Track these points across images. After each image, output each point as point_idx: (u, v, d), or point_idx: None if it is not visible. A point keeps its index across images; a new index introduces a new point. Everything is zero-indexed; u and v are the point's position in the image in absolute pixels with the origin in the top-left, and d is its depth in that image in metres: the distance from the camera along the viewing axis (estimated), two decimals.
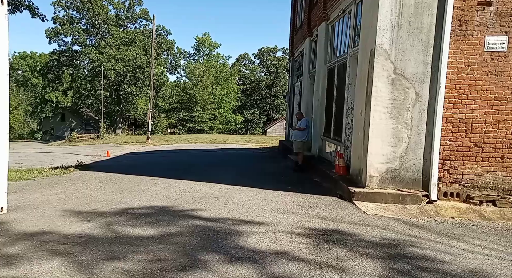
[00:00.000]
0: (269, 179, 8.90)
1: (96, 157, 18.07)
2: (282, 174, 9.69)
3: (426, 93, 6.34)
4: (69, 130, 65.34)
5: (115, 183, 7.90)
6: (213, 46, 68.27)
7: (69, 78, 57.86)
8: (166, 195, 6.68)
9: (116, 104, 50.93)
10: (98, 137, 38.21)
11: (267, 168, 11.04)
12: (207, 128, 58.27)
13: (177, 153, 17.72)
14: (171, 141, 29.24)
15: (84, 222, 4.84)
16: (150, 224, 4.77)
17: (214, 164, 12.26)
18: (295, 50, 16.29)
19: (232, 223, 4.93)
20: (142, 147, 25.21)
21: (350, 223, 5.01)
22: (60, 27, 46.15)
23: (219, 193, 6.92)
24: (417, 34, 6.30)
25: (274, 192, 7.08)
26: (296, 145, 10.25)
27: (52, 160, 16.42)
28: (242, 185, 7.77)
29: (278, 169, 10.93)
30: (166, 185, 7.73)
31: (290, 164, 11.69)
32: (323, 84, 10.34)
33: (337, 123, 9.06)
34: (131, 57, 45.89)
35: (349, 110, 8.17)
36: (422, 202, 6.24)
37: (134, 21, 53.06)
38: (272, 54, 77.78)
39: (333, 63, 9.63)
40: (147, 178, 8.59)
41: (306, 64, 12.80)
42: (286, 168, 10.90)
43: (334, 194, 6.96)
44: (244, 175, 9.57)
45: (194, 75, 58.95)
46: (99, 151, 21.03)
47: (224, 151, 18.72)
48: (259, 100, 78.38)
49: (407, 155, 6.39)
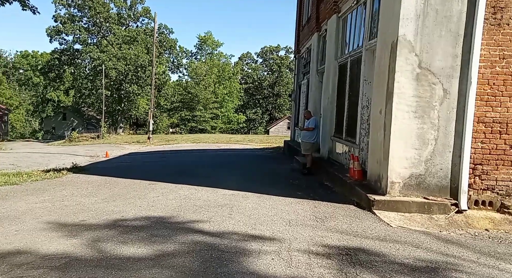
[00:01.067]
0: (276, 183, 8.24)
1: (94, 157, 17.46)
2: (290, 177, 9.02)
3: (455, 89, 5.65)
4: (70, 129, 64.88)
5: (110, 188, 7.25)
6: (215, 45, 67.66)
7: (71, 78, 57.44)
8: (164, 203, 6.03)
9: (117, 103, 50.37)
10: (99, 137, 37.66)
11: (273, 171, 10.38)
12: (209, 128, 57.67)
13: (178, 154, 17.08)
14: (172, 140, 28.62)
15: (68, 237, 4.19)
16: (144, 241, 4.12)
17: (217, 165, 11.62)
18: (301, 47, 15.61)
19: (239, 238, 4.27)
20: (142, 147, 24.60)
21: (375, 239, 4.34)
22: (61, 25, 45.58)
23: (223, 200, 6.26)
24: (445, 23, 5.61)
25: (284, 199, 6.42)
26: (305, 146, 9.58)
27: (48, 161, 15.81)
28: (248, 191, 7.11)
29: (285, 171, 10.27)
30: (164, 190, 7.09)
31: (297, 166, 11.03)
32: (334, 81, 9.66)
33: (350, 123, 8.38)
34: (133, 56, 45.29)
35: (364, 109, 7.50)
36: (450, 211, 5.56)
37: (136, 20, 52.49)
38: (275, 53, 77.09)
39: (345, 59, 8.95)
40: (144, 182, 7.94)
41: (314, 61, 12.13)
42: (294, 171, 10.24)
43: (349, 201, 6.29)
44: (249, 178, 8.92)
45: (196, 74, 58.36)
46: (98, 151, 20.42)
47: (227, 152, 18.06)
48: (261, 100, 77.73)
49: (434, 159, 5.71)
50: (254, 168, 11.01)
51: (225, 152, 18.03)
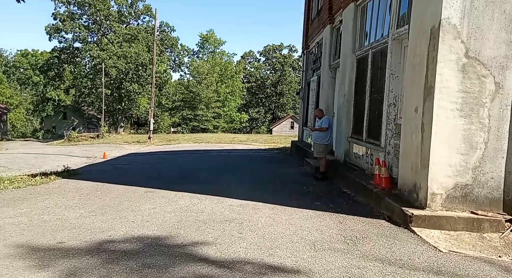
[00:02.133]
0: (289, 190, 7.33)
1: (91, 159, 16.58)
2: (303, 183, 8.10)
3: (510, 83, 4.73)
4: (71, 129, 64.09)
5: (100, 197, 6.36)
6: (217, 43, 66.71)
7: (71, 76, 56.63)
8: (162, 217, 5.12)
9: (118, 102, 49.51)
10: (99, 137, 36.82)
11: (283, 175, 9.46)
12: (211, 127, 56.74)
13: (179, 155, 16.18)
14: (173, 140, 27.73)
15: (36, 269, 3.29)
16: (133, 274, 3.21)
17: (221, 168, 10.71)
18: (310, 42, 14.68)
19: (254, 270, 3.36)
20: (143, 147, 23.72)
21: (427, 271, 3.42)
22: (60, 23, 44.73)
23: (230, 213, 5.36)
24: (498, 3, 4.68)
25: (301, 211, 5.51)
26: (318, 149, 8.66)
27: (42, 162, 14.96)
28: (258, 200, 6.20)
29: (296, 175, 9.35)
30: (163, 200, 6.18)
31: (309, 170, 10.11)
32: (351, 76, 8.73)
33: (372, 123, 7.46)
34: (133, 54, 44.40)
35: (391, 107, 6.57)
36: (505, 229, 4.63)
37: (137, 18, 51.60)
38: (278, 51, 76.08)
39: (364, 51, 8.03)
40: (140, 190, 7.04)
41: (326, 56, 11.20)
42: (306, 175, 9.32)
43: (378, 215, 5.37)
44: (259, 184, 8.00)
45: (198, 73, 57.43)
46: (96, 152, 19.55)
47: (231, 152, 17.15)
48: (264, 99, 76.75)
49: (483, 166, 4.78)
50: (261, 172, 10.09)
51: (229, 152, 17.12)
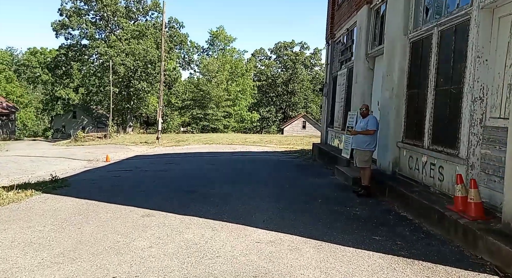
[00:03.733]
0: (330, 211, 5.59)
1: (93, 162, 15.06)
2: (343, 201, 6.36)
3: None
4: (80, 128, 63.34)
5: (80, 226, 4.70)
6: (228, 40, 65.07)
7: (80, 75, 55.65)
8: (159, 267, 3.43)
9: (126, 101, 48.22)
10: (106, 137, 35.46)
11: (313, 188, 7.71)
12: (221, 127, 55.11)
13: (187, 159, 14.55)
14: (182, 141, 26.15)
15: None
16: None
17: (236, 177, 9.02)
18: (336, 30, 12.86)
19: None
20: (150, 148, 22.17)
21: None
22: (67, 19, 43.53)
23: (259, 260, 3.64)
24: None
25: (362, 256, 3.76)
26: (361, 157, 6.88)
27: (37, 167, 13.46)
28: (294, 232, 4.50)
29: (330, 189, 7.59)
30: (163, 230, 4.50)
31: (343, 181, 8.35)
32: (402, 65, 6.93)
33: (441, 125, 5.65)
34: (142, 51, 42.94)
35: (476, 102, 4.76)
36: None
37: (145, 14, 50.10)
38: (289, 49, 74.14)
39: (424, 31, 6.22)
40: (136, 212, 5.38)
41: (361, 43, 9.39)
42: (342, 188, 7.55)
43: (478, 263, 3.60)
44: (287, 201, 6.27)
45: (208, 70, 55.81)
46: (99, 154, 18.01)
47: (245, 156, 15.45)
48: (275, 98, 74.96)
49: None
50: (285, 182, 8.34)
51: (242, 156, 15.41)
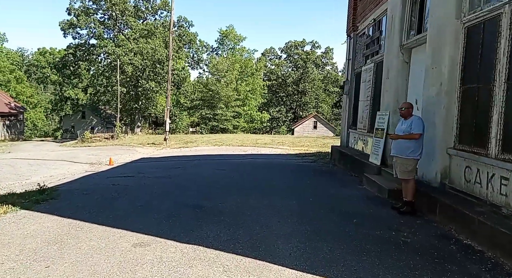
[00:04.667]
0: (373, 240, 4.40)
1: (95, 165, 14.07)
2: (384, 221, 5.17)
3: None
4: (89, 128, 62.97)
5: (50, 263, 3.58)
6: (237, 39, 63.99)
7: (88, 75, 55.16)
8: None
9: (134, 101, 47.49)
10: (113, 138, 34.65)
11: (342, 202, 6.51)
12: (231, 127, 53.99)
13: (196, 162, 13.45)
14: (191, 142, 25.12)
15: None
16: None
17: (251, 187, 7.86)
18: (359, 22, 11.62)
19: None
20: (157, 150, 21.18)
21: None
22: (75, 18, 42.94)
23: None
24: None
25: None
26: (404, 166, 5.66)
27: (34, 171, 12.51)
28: (334, 274, 3.31)
29: (363, 203, 6.38)
30: (159, 270, 3.37)
31: (376, 193, 7.13)
32: (453, 55, 5.70)
33: None
34: (150, 50, 42.09)
35: None
36: None
37: (154, 13, 49.32)
38: (300, 48, 72.79)
39: (488, 12, 4.98)
40: (129, 238, 4.27)
41: (395, 33, 8.15)
42: (377, 203, 6.34)
43: None
44: (315, 224, 5.08)
45: (217, 70, 54.75)
46: (103, 156, 17.05)
47: (257, 159, 14.29)
48: (285, 97, 73.67)
49: None
50: (308, 194, 7.15)
51: (254, 159, 14.26)
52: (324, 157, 14.37)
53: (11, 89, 63.06)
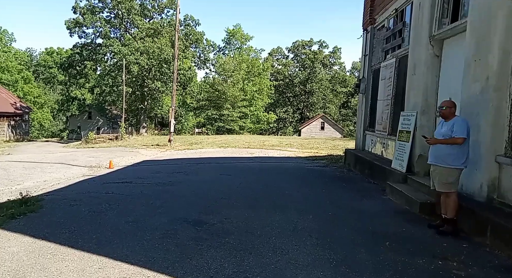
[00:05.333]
0: (416, 273, 3.47)
1: (94, 169, 13.27)
2: (422, 245, 4.24)
3: None
4: (96, 129, 62.63)
5: None
6: (244, 39, 63.18)
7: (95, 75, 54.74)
8: None
9: (140, 101, 46.85)
10: (118, 138, 34.02)
11: (367, 217, 5.57)
12: (237, 128, 53.13)
13: (200, 166, 12.60)
14: (196, 144, 24.31)
15: None
16: None
17: (260, 197, 6.97)
18: (377, 14, 10.67)
19: None
20: (160, 152, 20.38)
21: None
22: (81, 17, 42.44)
23: None
24: None
25: None
26: (444, 177, 4.72)
27: (28, 176, 11.74)
28: None
29: (392, 220, 5.45)
30: None
31: (403, 205, 6.19)
32: (503, 43, 4.75)
33: None
34: (156, 49, 41.39)
35: None
36: None
37: (161, 11, 48.63)
38: (308, 47, 71.74)
39: None
40: (110, 270, 3.41)
41: (423, 24, 7.19)
42: (408, 219, 5.40)
43: None
44: (342, 250, 4.15)
45: (224, 70, 53.98)
46: (105, 159, 16.26)
47: (266, 163, 13.40)
48: (292, 98, 72.67)
49: None
50: (327, 208, 6.23)
51: (262, 163, 13.37)
52: (336, 161, 13.42)
53: (19, 90, 62.96)
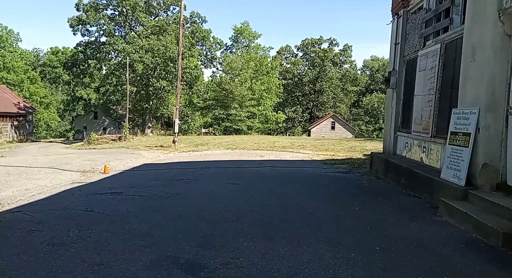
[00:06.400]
0: None
1: (86, 174, 11.84)
2: None
3: None
4: (102, 129, 61.76)
5: None
6: (252, 36, 61.66)
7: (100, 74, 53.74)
8: None
9: (145, 101, 45.60)
10: (121, 139, 32.75)
11: (426, 254, 3.99)
12: (245, 128, 51.58)
13: (204, 172, 11.10)
14: (201, 145, 22.83)
15: None
16: None
17: (275, 219, 5.43)
18: None
19: None
20: (163, 154, 18.93)
21: None
22: (84, 14, 41.32)
23: None
24: None
25: None
26: None
27: (9, 182, 10.28)
28: None
29: (461, 256, 3.86)
30: None
31: (467, 231, 4.58)
32: None
33: None
34: (161, 47, 40.05)
35: None
36: None
37: (166, 9, 47.29)
38: (317, 46, 69.94)
39: None
40: None
41: None
42: (484, 258, 3.80)
43: None
44: None
45: (231, 68, 52.49)
46: (101, 162, 14.83)
47: (278, 168, 11.85)
48: (301, 97, 70.98)
49: None
50: (368, 235, 4.66)
51: (274, 168, 11.81)
52: (359, 166, 11.81)
53: (25, 90, 62.33)
